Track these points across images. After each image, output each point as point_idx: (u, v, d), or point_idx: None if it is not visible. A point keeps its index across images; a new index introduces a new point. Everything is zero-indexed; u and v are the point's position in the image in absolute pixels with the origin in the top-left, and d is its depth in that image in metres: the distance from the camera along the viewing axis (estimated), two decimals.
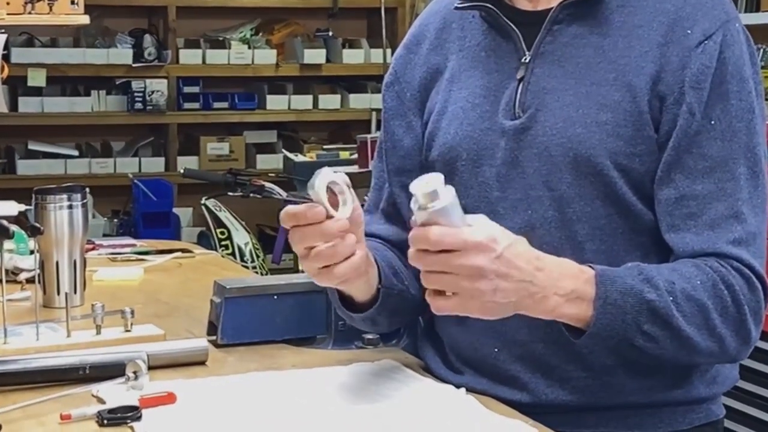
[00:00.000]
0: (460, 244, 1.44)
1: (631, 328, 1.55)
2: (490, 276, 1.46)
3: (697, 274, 1.58)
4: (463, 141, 1.72)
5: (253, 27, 6.53)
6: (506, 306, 1.50)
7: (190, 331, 1.99)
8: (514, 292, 1.49)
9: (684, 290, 1.57)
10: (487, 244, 1.45)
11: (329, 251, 1.53)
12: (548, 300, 1.52)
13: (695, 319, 1.57)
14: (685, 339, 1.57)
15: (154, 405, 1.58)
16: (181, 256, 2.72)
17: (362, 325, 1.78)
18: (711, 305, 1.58)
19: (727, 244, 1.60)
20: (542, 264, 1.52)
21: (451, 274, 1.45)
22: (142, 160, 6.26)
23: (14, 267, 2.35)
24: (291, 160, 5.61)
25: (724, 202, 1.61)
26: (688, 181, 1.62)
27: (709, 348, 1.59)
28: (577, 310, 1.54)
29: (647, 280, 1.56)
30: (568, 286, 1.53)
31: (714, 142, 1.62)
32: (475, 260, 1.44)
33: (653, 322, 1.55)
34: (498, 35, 1.74)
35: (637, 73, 1.63)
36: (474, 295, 1.46)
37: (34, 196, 2.21)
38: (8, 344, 1.85)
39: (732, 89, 1.62)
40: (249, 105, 6.41)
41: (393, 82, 1.85)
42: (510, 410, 1.62)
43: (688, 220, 1.62)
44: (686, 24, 1.64)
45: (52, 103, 6.08)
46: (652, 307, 1.55)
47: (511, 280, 1.48)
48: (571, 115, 1.65)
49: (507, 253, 1.47)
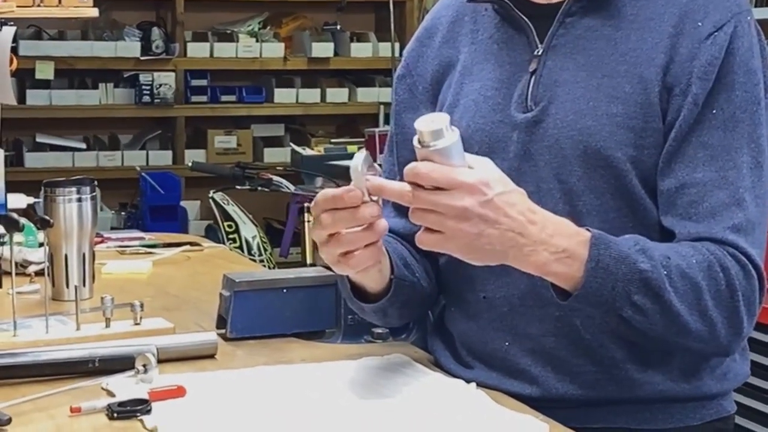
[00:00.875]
0: (448, 183, 1.43)
1: (621, 296, 1.53)
2: (475, 219, 1.44)
3: (693, 254, 1.57)
4: (475, 133, 1.72)
5: (261, 20, 6.53)
6: (491, 253, 1.49)
7: (199, 324, 1.99)
8: (499, 241, 1.47)
9: (679, 266, 1.55)
10: (477, 187, 1.44)
11: (354, 236, 1.52)
12: (538, 254, 1.51)
13: (687, 297, 1.55)
14: (674, 316, 1.55)
15: (164, 398, 1.57)
16: (189, 250, 2.72)
17: (372, 317, 1.78)
18: (705, 285, 1.56)
19: (725, 230, 1.59)
20: (536, 217, 1.51)
21: (437, 213, 1.44)
22: (149, 153, 6.26)
23: (23, 260, 2.35)
24: (299, 154, 5.60)
25: (725, 189, 1.60)
26: (689, 169, 1.61)
27: (698, 330, 1.57)
28: (566, 269, 1.52)
29: (643, 250, 1.55)
30: (560, 244, 1.52)
31: (715, 131, 1.61)
32: (461, 201, 1.44)
33: (644, 294, 1.53)
34: (510, 28, 1.74)
35: (648, 65, 1.63)
36: (456, 235, 1.45)
37: (43, 189, 2.21)
38: (18, 337, 1.85)
39: (738, 80, 1.62)
40: (257, 98, 6.41)
41: (405, 75, 1.85)
42: (520, 405, 1.62)
43: (689, 208, 1.61)
44: (697, 16, 1.63)
45: (60, 95, 6.09)
46: (645, 278, 1.53)
47: (497, 228, 1.46)
48: (581, 108, 1.64)
49: (498, 199, 1.46)
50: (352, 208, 1.50)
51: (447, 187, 1.44)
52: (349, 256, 1.54)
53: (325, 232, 1.53)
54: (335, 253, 1.54)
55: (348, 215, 1.50)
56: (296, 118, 6.62)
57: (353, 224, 1.51)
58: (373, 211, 1.50)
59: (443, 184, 1.44)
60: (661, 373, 1.67)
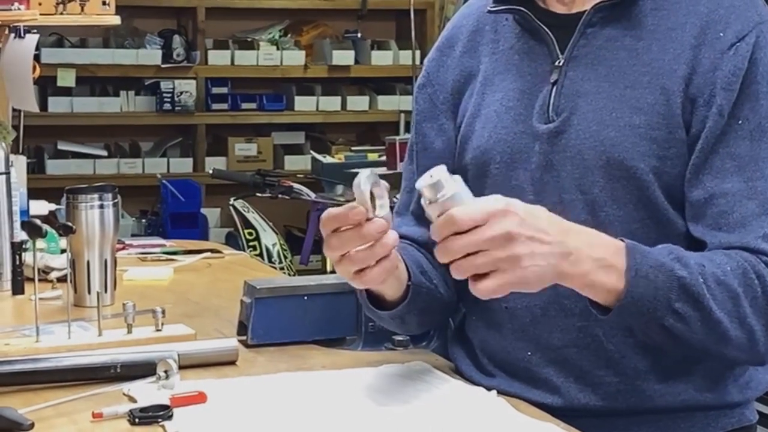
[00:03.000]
0: (484, 215, 1.42)
1: (662, 304, 1.52)
2: (521, 239, 1.43)
3: (727, 262, 1.56)
4: (497, 144, 1.72)
5: (281, 28, 6.55)
6: (546, 271, 1.47)
7: (220, 331, 2.00)
8: (550, 254, 1.46)
9: (714, 274, 1.54)
10: (508, 209, 1.44)
11: (364, 254, 1.52)
12: (583, 263, 1.49)
13: (726, 304, 1.54)
14: (715, 323, 1.54)
15: (185, 404, 1.58)
16: (210, 257, 2.73)
17: (390, 325, 1.77)
18: (741, 293, 1.55)
19: (757, 239, 1.58)
20: (567, 227, 1.50)
21: (484, 252, 1.43)
22: (170, 160, 6.28)
23: (45, 266, 2.36)
24: (319, 162, 5.61)
25: (754, 200, 1.59)
26: (717, 180, 1.60)
27: (738, 339, 1.56)
28: (608, 278, 1.51)
29: (678, 258, 1.54)
30: (598, 252, 1.51)
31: (742, 142, 1.61)
32: (502, 226, 1.42)
33: (684, 301, 1.52)
34: (531, 38, 1.74)
35: (670, 75, 1.63)
36: (513, 263, 1.43)
37: (65, 196, 2.22)
38: (40, 342, 1.86)
39: (762, 90, 1.61)
40: (277, 106, 6.42)
41: (425, 84, 1.85)
42: (542, 413, 1.61)
43: (719, 218, 1.60)
44: (719, 27, 1.63)
45: (82, 103, 6.12)
46: (683, 284, 1.52)
47: (543, 242, 1.45)
48: (604, 119, 1.64)
49: (529, 217, 1.45)
50: (358, 227, 1.49)
51: (483, 220, 1.42)
52: (362, 273, 1.54)
53: (335, 254, 1.53)
54: (350, 271, 1.55)
55: (354, 234, 1.50)
56: (317, 126, 6.63)
57: (360, 242, 1.51)
58: (379, 227, 1.50)
59: (479, 218, 1.42)
60: (684, 383, 1.66)
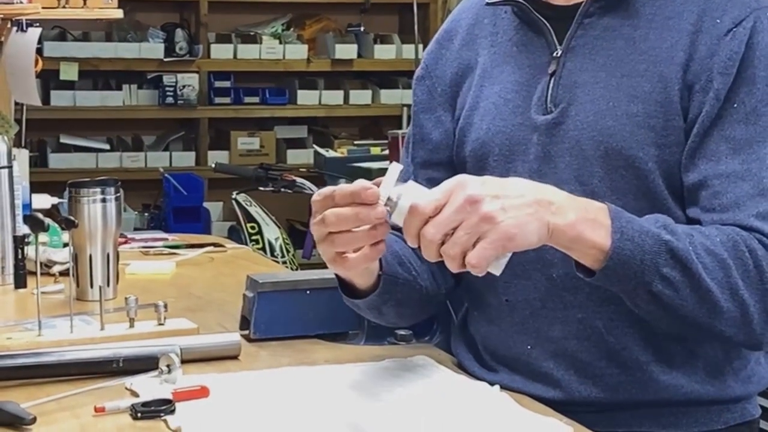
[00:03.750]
0: (442, 195, 1.43)
1: (649, 269, 1.50)
2: (486, 199, 1.43)
3: (717, 234, 1.55)
4: (495, 136, 1.72)
5: (284, 22, 6.54)
6: (530, 221, 1.45)
7: (223, 325, 2.00)
8: (525, 204, 1.45)
9: (703, 244, 1.53)
10: (464, 179, 1.45)
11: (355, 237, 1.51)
12: (567, 212, 1.48)
13: (716, 273, 1.53)
14: (705, 291, 1.52)
15: (188, 398, 1.58)
16: (212, 251, 2.73)
17: (369, 315, 1.77)
18: (732, 263, 1.54)
19: (750, 217, 1.57)
20: (542, 186, 1.50)
21: (456, 227, 1.43)
22: (173, 154, 6.28)
23: (47, 260, 2.36)
24: (321, 156, 5.62)
25: (749, 181, 1.59)
26: (712, 163, 1.60)
27: (730, 312, 1.54)
28: (595, 234, 1.49)
29: (665, 226, 1.53)
30: (581, 205, 1.50)
31: (738, 125, 1.60)
32: (462, 194, 1.42)
33: (672, 266, 1.51)
34: (529, 30, 1.74)
35: (668, 63, 1.63)
36: (488, 221, 1.42)
37: (68, 190, 2.22)
38: (42, 336, 1.86)
39: (759, 74, 1.61)
40: (280, 100, 6.42)
41: (424, 77, 1.85)
42: (544, 408, 1.61)
43: (713, 199, 1.60)
44: (716, 13, 1.63)
45: (84, 96, 6.12)
46: (671, 248, 1.51)
47: (511, 196, 1.44)
48: (601, 108, 1.64)
49: (489, 181, 1.46)
50: (360, 207, 1.48)
51: (444, 199, 1.43)
52: (344, 256, 1.54)
53: (327, 230, 1.52)
54: (332, 252, 1.54)
55: (353, 215, 1.49)
56: (319, 120, 6.63)
57: (356, 225, 1.50)
58: (379, 213, 1.49)
59: (440, 197, 1.43)
60: (686, 375, 1.66)
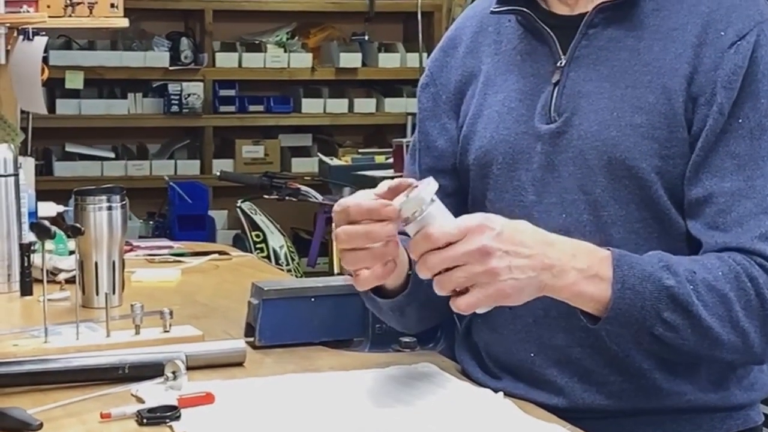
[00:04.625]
0: (458, 233, 1.44)
1: (650, 315, 1.53)
2: (498, 253, 1.45)
3: (719, 266, 1.56)
4: (498, 145, 1.72)
5: (289, 31, 6.55)
6: (526, 284, 1.48)
7: (228, 332, 2.00)
8: (530, 267, 1.47)
9: (705, 280, 1.55)
10: (484, 224, 1.45)
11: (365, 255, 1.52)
12: (567, 274, 1.50)
13: (717, 309, 1.54)
14: (706, 329, 1.54)
15: (193, 405, 1.58)
16: (217, 258, 2.73)
17: (390, 318, 1.78)
18: (733, 297, 1.55)
19: (753, 240, 1.58)
20: (551, 240, 1.51)
21: (460, 267, 1.44)
22: (177, 162, 6.29)
23: (53, 267, 2.37)
24: (326, 164, 5.62)
25: (753, 199, 1.60)
26: (716, 179, 1.61)
27: (731, 342, 1.56)
28: (595, 288, 1.52)
29: (667, 267, 1.54)
30: (584, 262, 1.52)
31: (742, 141, 1.61)
32: (477, 241, 1.44)
33: (673, 310, 1.53)
34: (534, 39, 1.75)
35: (672, 75, 1.63)
36: (490, 276, 1.45)
37: (73, 197, 2.23)
38: (49, 343, 1.87)
39: (763, 88, 1.62)
40: (284, 108, 6.43)
41: (428, 84, 1.86)
42: (548, 415, 1.62)
43: (716, 217, 1.60)
44: (720, 26, 1.63)
45: (89, 105, 6.13)
46: (672, 293, 1.53)
47: (521, 255, 1.47)
48: (605, 119, 1.65)
49: (507, 230, 1.47)
50: (369, 227, 1.50)
51: (458, 236, 1.44)
52: (357, 273, 1.55)
53: (340, 246, 1.54)
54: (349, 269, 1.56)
55: (363, 234, 1.51)
56: (324, 128, 6.63)
57: (367, 243, 1.51)
58: (388, 231, 1.51)
59: (455, 234, 1.44)
60: (689, 382, 1.67)
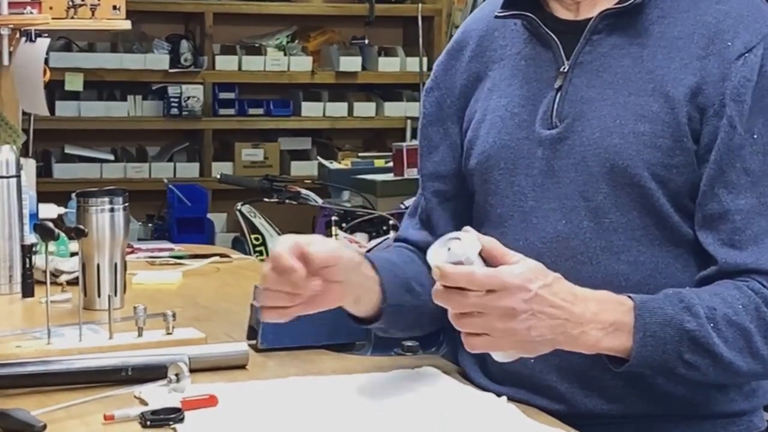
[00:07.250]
0: (498, 286, 1.45)
1: (672, 358, 1.55)
2: (522, 316, 1.46)
3: (739, 297, 1.58)
4: (500, 150, 1.72)
5: (289, 34, 6.56)
6: (541, 343, 1.51)
7: (229, 335, 2.00)
8: (549, 330, 1.49)
9: (726, 315, 1.56)
10: (523, 285, 1.46)
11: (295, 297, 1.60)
12: (587, 335, 1.52)
13: (737, 343, 1.57)
14: (727, 364, 1.57)
15: (196, 407, 1.58)
16: (218, 261, 2.73)
17: (377, 332, 1.81)
18: (754, 328, 1.58)
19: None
20: (578, 299, 1.52)
21: (484, 315, 1.46)
22: (177, 165, 6.29)
23: (55, 269, 2.36)
24: (326, 168, 5.62)
25: (767, 216, 1.61)
26: (732, 195, 1.61)
27: (752, 370, 1.60)
28: (617, 342, 1.54)
29: (687, 308, 1.56)
30: (607, 319, 1.53)
31: (756, 156, 1.62)
32: (507, 302, 1.45)
33: (694, 352, 1.55)
34: (538, 44, 1.74)
35: (675, 84, 1.63)
36: (507, 334, 1.48)
37: (76, 199, 2.23)
38: (52, 345, 1.87)
39: None
40: (284, 112, 6.43)
41: (433, 88, 1.86)
42: (552, 419, 1.62)
43: (732, 235, 1.61)
44: (726, 36, 1.63)
45: (89, 107, 6.13)
46: (692, 337, 1.55)
47: (545, 319, 1.48)
48: (608, 126, 1.65)
49: (542, 292, 1.48)
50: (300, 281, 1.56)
51: (488, 286, 1.45)
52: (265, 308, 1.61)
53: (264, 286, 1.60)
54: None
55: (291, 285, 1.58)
56: (323, 132, 6.64)
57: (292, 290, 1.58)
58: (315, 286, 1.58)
59: (495, 285, 1.45)
60: (691, 388, 1.66)
